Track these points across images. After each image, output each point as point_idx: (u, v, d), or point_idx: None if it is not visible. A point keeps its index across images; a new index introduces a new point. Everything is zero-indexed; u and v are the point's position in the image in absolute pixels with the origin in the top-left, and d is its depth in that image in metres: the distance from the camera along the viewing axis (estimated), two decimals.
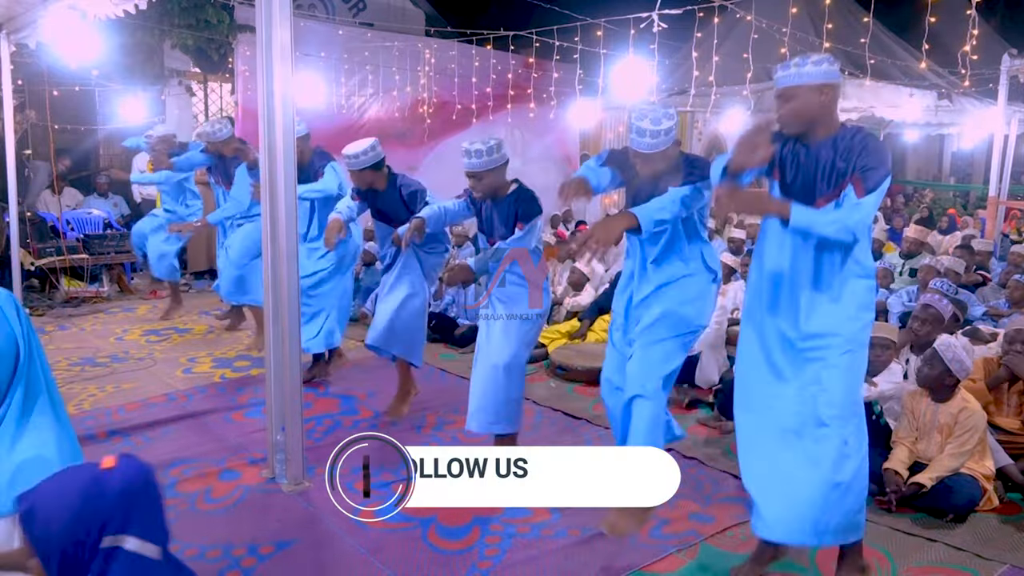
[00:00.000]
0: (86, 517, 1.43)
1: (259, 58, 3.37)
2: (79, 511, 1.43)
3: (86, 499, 1.44)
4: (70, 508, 1.43)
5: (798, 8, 8.07)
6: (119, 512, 1.44)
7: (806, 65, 2.49)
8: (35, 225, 7.52)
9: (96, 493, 1.45)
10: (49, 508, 1.44)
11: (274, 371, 3.57)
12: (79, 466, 1.57)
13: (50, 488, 1.48)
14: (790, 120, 2.55)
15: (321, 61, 9.45)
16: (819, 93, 2.49)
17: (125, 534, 1.44)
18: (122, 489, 1.46)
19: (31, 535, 1.44)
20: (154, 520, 1.50)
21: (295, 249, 3.52)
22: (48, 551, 1.43)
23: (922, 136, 15.69)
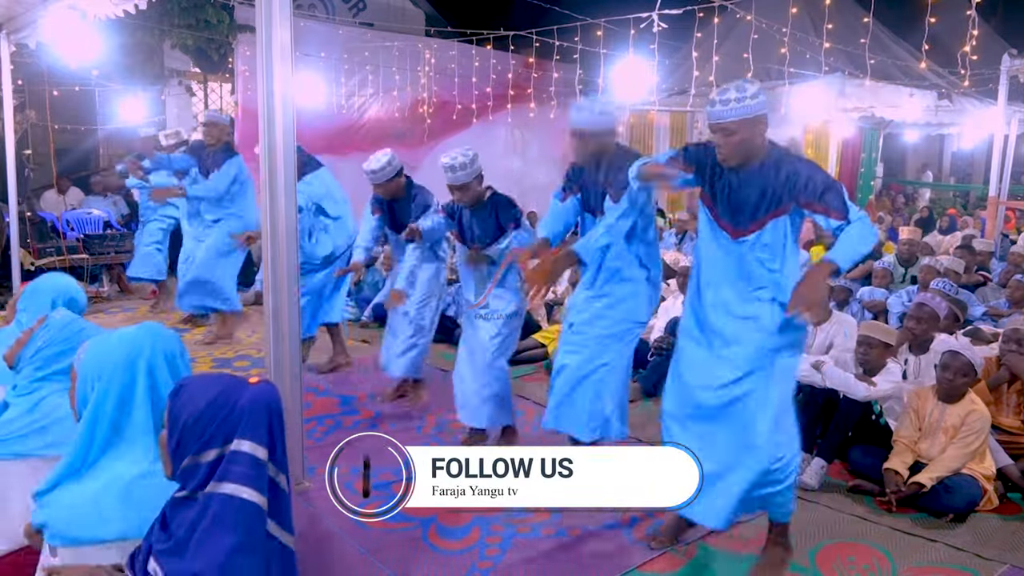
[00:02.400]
0: (216, 410, 1.62)
1: (259, 58, 3.36)
2: (213, 402, 1.63)
3: (225, 394, 1.64)
4: (209, 398, 1.63)
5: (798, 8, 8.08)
6: (245, 418, 1.63)
7: (745, 99, 2.51)
8: (35, 225, 7.52)
9: (234, 395, 1.65)
10: (193, 391, 1.65)
11: (274, 371, 3.57)
12: (225, 374, 1.78)
13: (202, 379, 1.71)
14: (732, 154, 2.59)
15: (321, 61, 9.45)
16: (757, 125, 2.54)
17: (244, 438, 1.62)
18: (253, 400, 1.65)
19: (171, 407, 1.64)
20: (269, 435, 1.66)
21: (295, 249, 3.52)
22: (175, 427, 1.62)
23: (922, 136, 15.70)
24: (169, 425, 1.64)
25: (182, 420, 1.62)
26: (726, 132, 2.54)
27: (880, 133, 14.37)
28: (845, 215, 2.52)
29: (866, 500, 3.57)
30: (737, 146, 2.56)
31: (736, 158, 2.60)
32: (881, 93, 9.34)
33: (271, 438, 1.68)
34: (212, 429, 1.61)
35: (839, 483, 3.74)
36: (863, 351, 3.94)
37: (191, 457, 1.62)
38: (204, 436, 1.61)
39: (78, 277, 7.42)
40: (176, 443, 1.62)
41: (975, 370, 3.56)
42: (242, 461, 1.62)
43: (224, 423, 1.62)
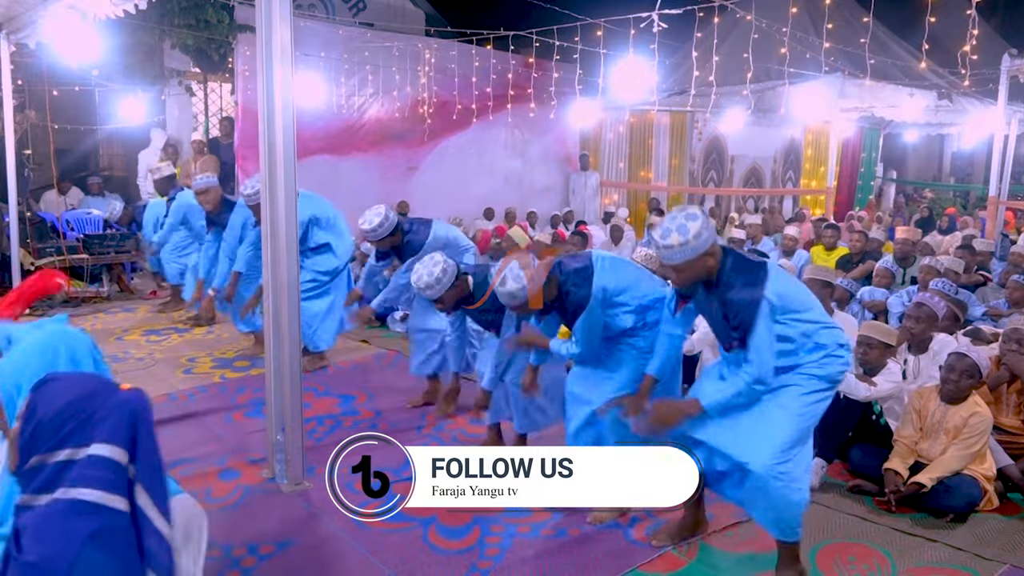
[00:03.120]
0: (77, 409, 1.53)
1: (259, 58, 3.37)
2: (77, 401, 1.54)
3: (90, 395, 1.56)
4: (73, 395, 1.55)
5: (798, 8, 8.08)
6: (103, 422, 1.53)
7: (688, 243, 2.61)
8: (35, 225, 7.52)
9: (100, 398, 1.57)
10: (58, 388, 1.56)
11: (274, 371, 3.57)
12: (99, 376, 1.71)
13: (73, 378, 1.64)
14: (683, 284, 2.79)
15: (321, 61, 9.45)
16: (704, 259, 2.67)
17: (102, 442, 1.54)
18: (119, 405, 1.57)
19: (30, 400, 1.55)
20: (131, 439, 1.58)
21: (295, 250, 3.52)
22: (31, 418, 1.53)
23: (922, 136, 15.70)
24: (25, 416, 1.54)
25: (39, 414, 1.52)
26: (676, 271, 2.72)
27: (880, 133, 14.39)
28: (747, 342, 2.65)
29: (866, 500, 3.57)
30: (688, 278, 2.74)
31: (687, 285, 2.80)
32: (881, 93, 9.33)
33: (133, 446, 1.58)
34: (68, 428, 1.52)
35: (839, 483, 3.74)
36: (863, 351, 3.94)
37: (39, 456, 1.52)
38: (59, 434, 1.51)
39: (78, 277, 7.50)
40: (28, 437, 1.52)
41: (980, 372, 3.55)
42: (99, 465, 1.52)
43: (83, 424, 1.53)
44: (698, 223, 2.63)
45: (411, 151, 10.52)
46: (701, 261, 2.66)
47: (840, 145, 13.34)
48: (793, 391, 2.73)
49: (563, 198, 11.91)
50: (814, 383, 2.74)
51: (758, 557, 3.03)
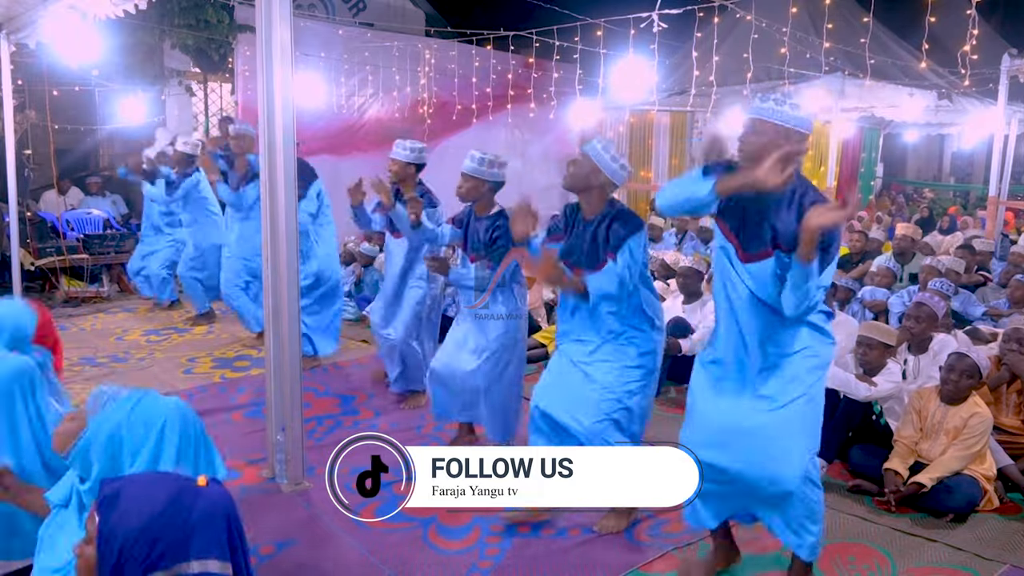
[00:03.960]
0: (169, 520, 1.36)
1: (259, 58, 3.37)
2: (164, 511, 1.36)
3: (176, 504, 1.38)
4: (155, 506, 1.36)
5: (798, 8, 8.07)
6: (202, 532, 1.38)
7: (786, 104, 2.44)
8: (35, 225, 7.52)
9: (188, 502, 1.39)
10: (134, 498, 1.37)
11: (274, 371, 3.57)
12: (170, 474, 1.51)
13: (141, 483, 1.43)
14: (745, 158, 2.50)
15: (321, 61, 9.45)
16: (786, 137, 2.43)
17: (209, 558, 1.38)
18: (210, 509, 1.41)
19: (104, 521, 1.36)
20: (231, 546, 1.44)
21: (295, 249, 3.52)
22: (112, 542, 1.34)
23: (922, 136, 15.69)
24: (101, 542, 1.34)
25: (119, 538, 1.33)
26: (752, 128, 2.47)
27: (880, 133, 14.38)
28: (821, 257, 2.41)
29: (866, 500, 3.57)
30: (758, 147, 2.44)
31: (751, 160, 2.48)
32: (881, 93, 9.32)
33: (233, 549, 1.45)
34: (159, 551, 1.35)
35: (839, 483, 3.74)
36: (863, 351, 3.94)
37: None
38: (149, 559, 1.34)
39: (78, 277, 7.51)
40: (111, 568, 1.33)
41: (980, 372, 3.55)
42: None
43: (174, 543, 1.36)
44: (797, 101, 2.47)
45: None
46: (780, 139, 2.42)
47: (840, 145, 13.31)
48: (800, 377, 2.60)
49: (563, 198, 11.90)
50: (812, 360, 2.62)
51: (758, 557, 3.03)
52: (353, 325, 6.94)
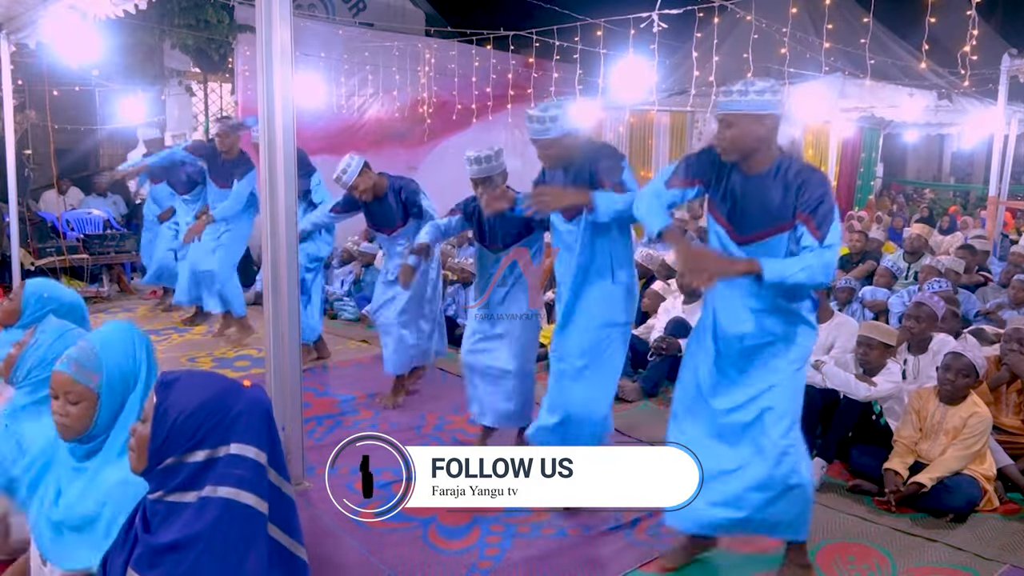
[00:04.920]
0: (213, 409, 1.52)
1: (259, 58, 3.36)
2: (209, 402, 1.52)
3: (222, 394, 1.55)
4: (205, 394, 1.53)
5: (798, 8, 8.08)
6: (244, 423, 1.54)
7: (749, 94, 2.45)
8: (35, 225, 7.51)
9: (231, 397, 1.55)
10: (187, 385, 1.54)
11: (274, 371, 3.57)
12: (221, 376, 1.68)
13: (195, 376, 1.60)
14: (728, 148, 2.53)
15: (321, 61, 9.45)
16: (760, 122, 2.46)
17: (246, 443, 1.54)
18: (251, 405, 1.57)
19: (160, 401, 1.52)
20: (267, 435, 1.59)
21: (295, 248, 3.52)
22: (163, 422, 1.50)
23: (922, 136, 15.69)
24: (155, 420, 1.51)
25: (172, 416, 1.50)
26: (724, 124, 2.50)
27: (880, 133, 14.38)
28: (823, 238, 2.44)
29: (866, 500, 3.57)
30: (733, 140, 2.50)
31: (733, 153, 2.54)
32: (881, 93, 9.33)
33: (271, 443, 1.60)
34: (206, 430, 1.51)
35: (839, 483, 3.74)
36: (863, 351, 3.94)
37: (175, 457, 1.51)
38: (196, 436, 1.50)
39: (78, 277, 7.50)
40: (162, 440, 1.50)
41: (977, 371, 3.55)
42: (242, 465, 1.53)
43: (219, 425, 1.52)
44: (768, 83, 2.50)
45: (411, 151, 10.51)
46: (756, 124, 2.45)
47: (840, 145, 13.32)
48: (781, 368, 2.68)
49: None
50: (794, 352, 2.69)
51: (758, 557, 3.03)
52: (353, 325, 6.95)
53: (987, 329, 4.87)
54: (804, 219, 2.46)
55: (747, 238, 2.60)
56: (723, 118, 2.49)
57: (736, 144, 2.51)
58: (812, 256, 2.43)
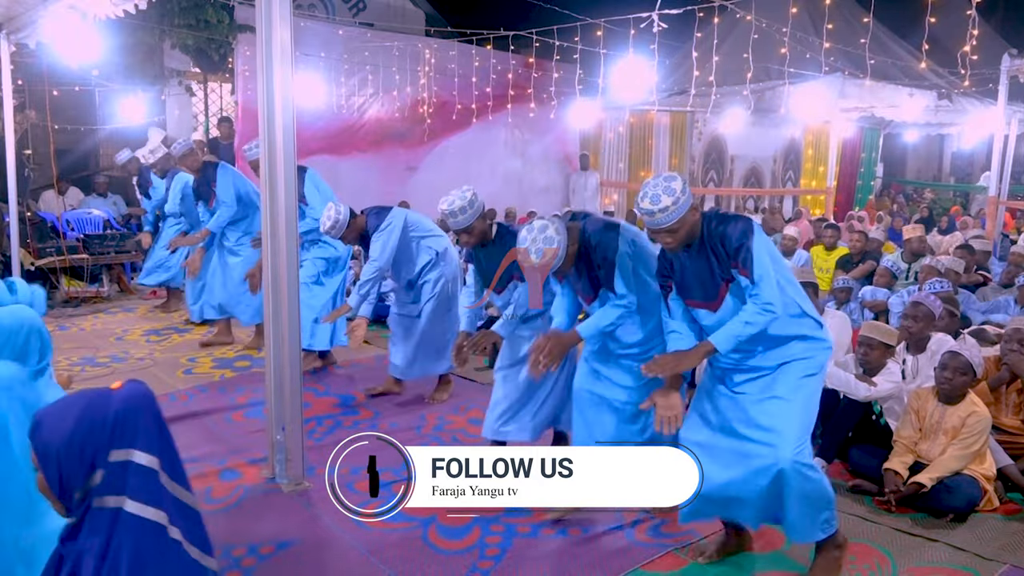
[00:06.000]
0: (88, 427, 1.46)
1: (259, 58, 3.37)
2: (81, 418, 1.47)
3: (90, 408, 1.48)
4: (74, 418, 1.47)
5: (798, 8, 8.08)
6: (122, 426, 1.48)
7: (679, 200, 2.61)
8: (35, 225, 7.51)
9: (100, 406, 1.49)
10: (54, 419, 1.48)
11: (274, 371, 3.57)
12: (84, 390, 1.61)
13: (59, 403, 1.53)
14: (679, 245, 2.73)
15: (321, 61, 9.45)
16: (692, 213, 2.68)
17: (132, 448, 1.48)
18: (125, 406, 1.50)
19: (36, 447, 1.47)
20: (157, 435, 1.53)
21: (295, 249, 3.52)
22: (49, 462, 1.46)
23: (922, 136, 15.70)
24: (41, 463, 1.46)
25: (52, 453, 1.45)
26: (671, 232, 2.68)
27: (880, 133, 14.38)
28: (751, 275, 2.62)
29: (866, 500, 3.57)
30: (684, 237, 2.71)
31: (681, 246, 2.75)
32: (881, 93, 9.34)
33: (160, 443, 1.52)
34: (91, 449, 1.45)
35: (839, 483, 3.73)
36: (864, 351, 3.94)
37: (80, 489, 1.46)
38: (84, 459, 1.44)
39: (78, 277, 7.50)
40: (58, 479, 1.45)
41: (974, 369, 3.56)
42: (129, 471, 1.46)
43: (99, 439, 1.46)
44: (679, 181, 2.68)
45: (411, 151, 10.52)
46: (691, 216, 2.67)
47: (840, 145, 13.34)
48: (787, 380, 2.74)
49: (563, 198, 11.91)
50: (804, 366, 2.75)
51: (759, 557, 3.03)
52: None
53: (987, 329, 4.87)
54: (735, 266, 2.68)
55: (716, 303, 2.77)
56: (670, 229, 2.66)
57: (687, 237, 2.72)
58: (749, 305, 2.65)
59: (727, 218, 2.74)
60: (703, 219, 2.75)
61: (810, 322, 2.78)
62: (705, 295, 2.78)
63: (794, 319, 2.73)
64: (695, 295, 2.82)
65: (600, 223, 3.20)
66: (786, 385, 2.74)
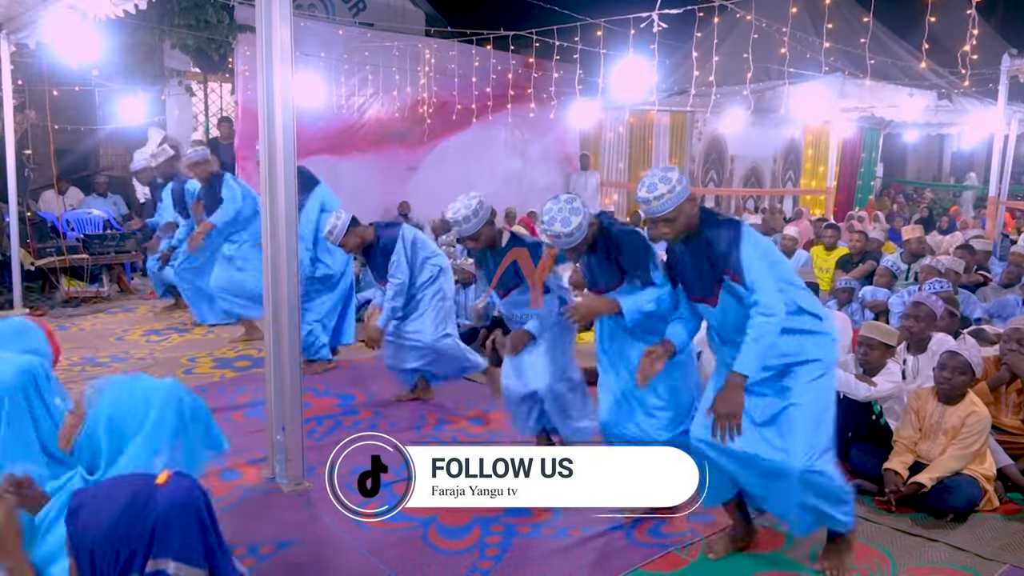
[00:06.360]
0: (127, 525, 1.40)
1: (259, 58, 3.37)
2: (122, 516, 1.40)
3: (132, 507, 1.41)
4: (114, 511, 1.41)
5: (798, 8, 8.08)
6: (162, 534, 1.40)
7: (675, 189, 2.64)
8: (35, 225, 7.51)
9: (142, 504, 1.42)
10: (94, 508, 1.42)
11: (274, 371, 3.57)
12: (134, 475, 1.53)
13: (100, 490, 1.46)
14: (677, 236, 2.77)
15: (321, 61, 9.45)
16: (688, 203, 2.70)
17: (167, 557, 1.40)
18: (169, 507, 1.42)
19: (72, 532, 1.41)
20: (201, 542, 1.45)
21: (295, 249, 3.52)
22: (83, 552, 1.39)
23: (922, 136, 15.70)
24: (75, 554, 1.40)
25: (88, 546, 1.38)
26: (668, 222, 2.71)
27: (880, 133, 14.39)
28: (749, 286, 2.64)
29: (866, 500, 3.57)
30: (680, 227, 2.74)
31: (679, 236, 2.78)
32: (881, 93, 9.34)
33: (205, 547, 1.46)
34: (127, 551, 1.38)
35: None
36: (863, 352, 3.94)
37: None
38: (120, 560, 1.38)
39: (78, 277, 7.51)
40: (90, 571, 1.39)
41: (973, 369, 3.56)
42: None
43: (138, 541, 1.39)
44: (676, 172, 2.70)
45: (411, 151, 10.52)
46: (688, 207, 2.69)
47: (840, 145, 13.35)
48: (799, 384, 2.75)
49: None
50: (815, 370, 2.76)
51: (759, 557, 3.03)
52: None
53: (987, 329, 4.87)
54: (726, 272, 2.70)
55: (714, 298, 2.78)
56: (665, 218, 2.69)
57: (683, 228, 2.75)
58: (752, 316, 2.66)
59: (714, 222, 2.76)
60: (702, 214, 2.77)
61: (808, 318, 2.78)
62: (704, 291, 2.82)
63: (792, 316, 2.73)
64: (695, 291, 2.86)
65: (625, 225, 3.24)
66: (798, 391, 2.74)
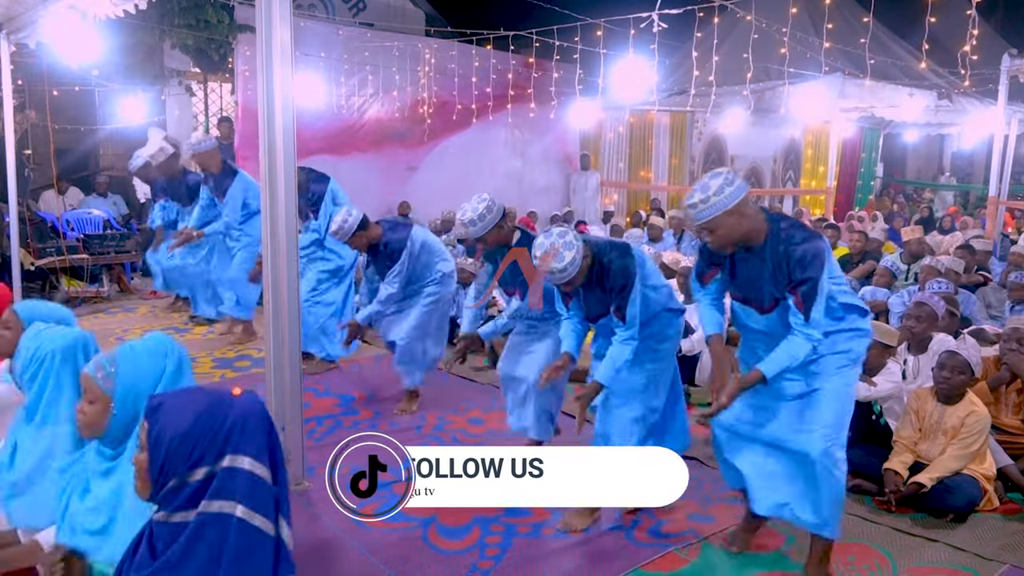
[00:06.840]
0: (206, 423, 1.51)
1: (259, 58, 3.36)
2: (202, 414, 1.52)
3: (213, 407, 1.54)
4: (195, 410, 1.52)
5: (798, 8, 8.08)
6: (239, 434, 1.53)
7: (710, 199, 2.55)
8: (35, 225, 7.51)
9: (222, 405, 1.54)
10: (175, 406, 1.53)
11: (274, 371, 3.57)
12: (210, 388, 1.66)
13: (181, 395, 1.59)
14: (722, 246, 2.67)
15: (321, 61, 9.45)
16: (735, 214, 2.57)
17: (241, 454, 1.52)
18: (244, 413, 1.55)
19: (150, 431, 1.52)
20: (269, 448, 1.58)
21: (295, 249, 3.52)
22: (159, 449, 1.50)
23: (922, 136, 15.70)
24: (150, 446, 1.51)
25: (166, 440, 1.50)
26: (708, 230, 2.63)
27: (880, 133, 14.39)
28: (807, 314, 2.59)
29: (866, 500, 3.57)
30: (724, 238, 2.63)
31: (728, 247, 2.69)
32: (881, 93, 9.34)
33: (272, 457, 1.57)
34: (202, 448, 1.50)
35: None
36: None
37: (177, 479, 1.51)
38: (192, 456, 1.50)
39: (78, 277, 7.50)
40: (160, 465, 1.50)
41: (972, 368, 3.56)
42: (239, 478, 1.51)
43: (214, 440, 1.51)
44: (720, 179, 2.58)
45: (411, 151, 10.52)
46: (728, 219, 2.57)
47: (840, 145, 13.35)
48: (827, 372, 2.76)
49: (563, 198, 11.91)
50: (842, 360, 2.77)
51: (759, 557, 3.04)
52: None
53: (987, 329, 4.87)
54: (792, 292, 2.62)
55: (767, 309, 2.75)
56: (705, 226, 2.61)
57: (728, 240, 2.64)
58: (797, 335, 2.63)
59: (799, 236, 2.62)
60: (770, 223, 2.65)
61: (853, 317, 2.78)
62: (758, 298, 2.75)
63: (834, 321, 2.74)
64: (746, 293, 2.78)
65: (616, 248, 3.18)
66: (824, 376, 2.75)
